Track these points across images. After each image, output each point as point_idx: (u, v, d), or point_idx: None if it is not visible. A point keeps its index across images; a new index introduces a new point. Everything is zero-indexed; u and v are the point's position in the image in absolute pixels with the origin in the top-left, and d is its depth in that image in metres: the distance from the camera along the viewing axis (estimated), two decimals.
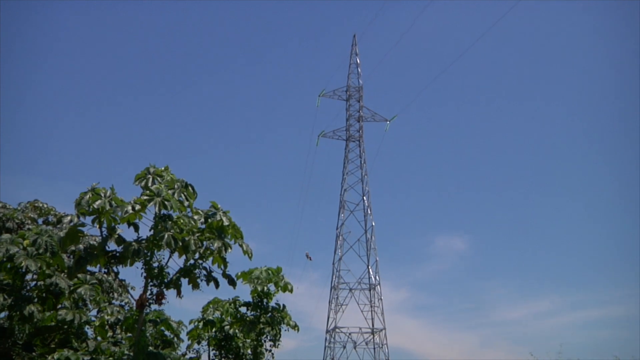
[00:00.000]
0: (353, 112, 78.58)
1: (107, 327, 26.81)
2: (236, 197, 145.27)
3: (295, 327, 27.99)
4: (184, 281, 23.15)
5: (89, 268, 25.79)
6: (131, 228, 22.41)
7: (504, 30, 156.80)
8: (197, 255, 23.13)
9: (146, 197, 21.34)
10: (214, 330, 28.98)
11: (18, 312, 23.36)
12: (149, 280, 22.45)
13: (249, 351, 28.53)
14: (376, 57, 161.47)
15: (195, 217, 22.90)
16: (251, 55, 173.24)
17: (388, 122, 79.46)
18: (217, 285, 23.91)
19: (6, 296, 23.80)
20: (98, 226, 21.88)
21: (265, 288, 27.09)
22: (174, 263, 23.07)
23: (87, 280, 24.85)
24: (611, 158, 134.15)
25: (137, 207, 21.38)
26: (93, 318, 27.01)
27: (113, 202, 21.44)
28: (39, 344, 24.62)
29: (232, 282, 24.53)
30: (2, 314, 24.60)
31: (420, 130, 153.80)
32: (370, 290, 69.49)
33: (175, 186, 22.29)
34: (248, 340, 28.42)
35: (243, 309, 28.30)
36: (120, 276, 26.88)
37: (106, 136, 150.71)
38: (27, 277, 24.68)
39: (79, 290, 24.19)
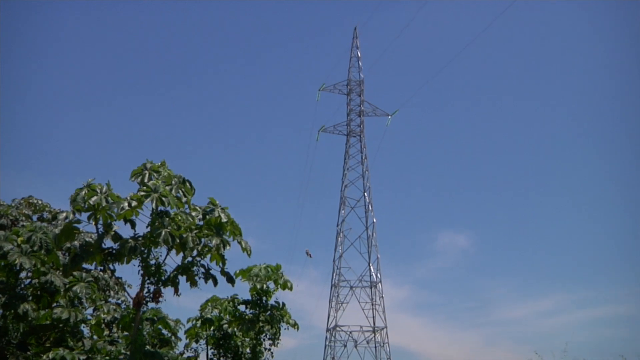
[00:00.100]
0: (354, 107, 78.53)
1: (104, 326, 26.83)
2: (235, 193, 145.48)
3: (295, 326, 28.01)
4: (182, 279, 23.15)
5: (85, 265, 25.80)
6: (128, 225, 22.41)
7: (508, 23, 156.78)
8: (195, 252, 23.12)
9: (143, 193, 21.31)
10: (212, 328, 28.97)
11: (12, 311, 23.37)
12: (146, 277, 22.45)
13: (248, 350, 28.53)
14: (377, 50, 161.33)
15: (193, 214, 22.88)
16: (250, 49, 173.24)
17: (389, 117, 79.46)
18: (216, 283, 23.92)
19: (0, 294, 23.80)
20: (94, 223, 21.87)
21: (264, 286, 27.10)
22: (172, 260, 23.08)
23: (83, 278, 24.85)
24: (615, 154, 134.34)
25: (134, 204, 21.37)
26: (89, 316, 27.00)
27: (109, 199, 21.42)
28: (34, 343, 24.63)
29: (231, 280, 24.53)
30: None
31: (422, 125, 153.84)
32: (371, 288, 69.54)
33: (172, 182, 22.26)
34: (247, 339, 28.41)
35: (242, 307, 28.29)
36: (116, 274, 26.94)
37: (102, 131, 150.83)
38: (22, 275, 24.68)
39: (75, 288, 24.19)
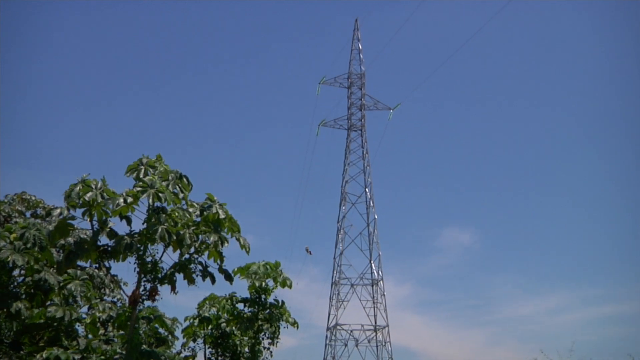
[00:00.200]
0: (355, 100, 78.41)
1: (99, 325, 26.80)
2: (233, 189, 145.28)
3: (294, 324, 28.04)
4: (179, 276, 23.15)
5: (80, 263, 25.79)
6: (123, 221, 22.41)
7: (512, 14, 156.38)
8: (192, 249, 23.12)
9: (139, 189, 21.29)
10: (210, 327, 28.99)
11: (5, 309, 23.34)
12: (142, 275, 22.44)
13: (247, 349, 28.55)
14: (379, 43, 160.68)
15: (190, 210, 22.87)
16: (248, 41, 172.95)
17: (391, 111, 79.32)
18: (213, 280, 23.91)
19: None
20: (89, 219, 21.85)
21: (263, 283, 27.11)
22: (168, 258, 23.08)
23: (78, 275, 24.81)
24: (620, 150, 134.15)
25: (130, 200, 21.34)
26: (84, 315, 26.98)
27: (104, 194, 21.39)
28: (27, 342, 24.62)
29: (229, 278, 24.52)
30: None
31: (425, 119, 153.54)
32: (372, 285, 69.55)
33: (169, 177, 22.24)
34: (245, 337, 28.44)
35: (240, 306, 28.31)
36: (112, 271, 26.87)
37: (97, 126, 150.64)
38: (14, 273, 24.65)
39: (69, 286, 24.15)
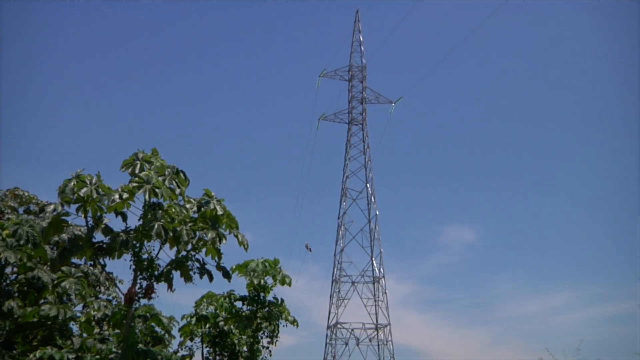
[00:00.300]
0: (356, 94, 78.40)
1: (94, 323, 26.82)
2: (231, 185, 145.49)
3: (294, 323, 28.07)
4: (176, 274, 23.14)
5: (74, 260, 25.80)
6: (119, 217, 22.37)
7: (516, 6, 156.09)
8: (190, 246, 23.10)
9: (135, 185, 21.26)
10: (208, 326, 29.04)
11: None
12: (138, 273, 22.42)
13: (245, 348, 28.60)
14: (381, 34, 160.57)
15: (187, 206, 22.83)
16: (247, 34, 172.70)
17: (393, 104, 79.30)
18: (211, 278, 23.90)
19: None
20: (83, 215, 21.82)
21: (262, 281, 27.12)
22: (165, 255, 23.05)
23: (72, 273, 24.80)
24: (624, 147, 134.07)
25: (125, 195, 21.31)
26: (78, 314, 26.98)
27: (99, 190, 21.35)
28: (20, 342, 24.63)
29: (227, 275, 24.51)
30: None
31: (427, 113, 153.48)
32: (374, 283, 69.65)
33: (165, 172, 22.20)
34: (244, 336, 28.49)
35: (238, 304, 28.34)
36: (107, 269, 26.80)
37: (92, 121, 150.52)
38: (7, 270, 24.62)
39: (63, 284, 24.15)
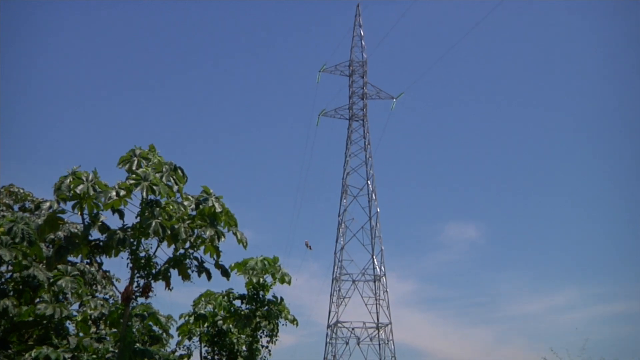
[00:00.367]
0: (356, 89, 78.33)
1: (90, 322, 26.84)
2: (230, 182, 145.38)
3: (293, 322, 28.09)
4: (174, 272, 23.15)
5: (70, 258, 25.77)
6: (116, 215, 22.38)
7: (518, 1, 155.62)
8: (188, 244, 23.10)
9: (132, 182, 21.26)
10: (206, 325, 29.05)
11: None
12: (136, 271, 22.43)
13: (244, 347, 28.61)
14: (382, 29, 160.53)
15: (185, 203, 22.83)
16: (246, 28, 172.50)
17: (394, 100, 79.27)
18: (210, 276, 23.91)
19: None
20: (79, 213, 21.81)
21: (261, 279, 27.11)
22: (163, 253, 23.10)
23: (68, 271, 24.82)
24: (631, 143, 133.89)
25: (122, 193, 21.30)
26: (75, 312, 27.03)
27: (96, 187, 21.34)
28: (16, 341, 24.63)
29: (226, 273, 24.52)
30: None
31: (429, 108, 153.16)
32: (374, 281, 69.65)
33: (163, 169, 22.20)
34: (243, 335, 28.49)
35: (237, 302, 28.35)
36: (104, 267, 26.83)
37: (88, 116, 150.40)
38: (2, 269, 24.66)
39: (59, 282, 24.16)
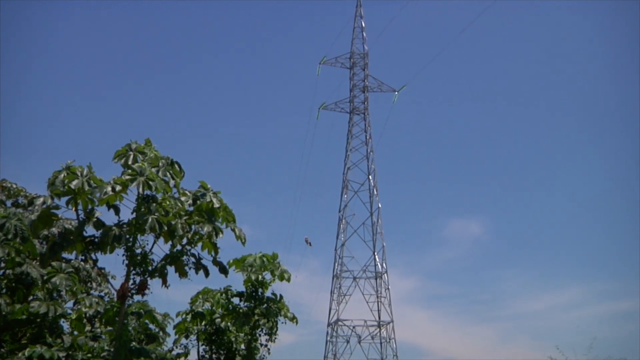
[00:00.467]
0: (357, 82, 78.24)
1: (85, 321, 26.84)
2: (228, 177, 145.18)
3: (293, 320, 28.11)
4: (170, 269, 23.18)
5: (64, 255, 25.79)
6: (111, 211, 22.39)
7: None
8: (185, 240, 23.14)
9: (128, 177, 21.25)
10: (204, 323, 29.04)
11: None
12: (132, 268, 22.45)
13: (243, 346, 28.64)
14: (383, 20, 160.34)
15: (182, 199, 22.84)
16: (244, 18, 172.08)
17: (396, 93, 79.20)
18: (207, 273, 23.94)
19: None
20: (74, 208, 21.81)
21: (260, 277, 27.11)
22: (159, 249, 23.09)
23: (63, 268, 24.80)
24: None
25: (118, 188, 21.30)
26: (69, 310, 27.03)
27: (91, 182, 21.35)
28: (9, 340, 24.63)
29: (224, 270, 24.55)
30: None
31: (432, 101, 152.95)
32: (376, 279, 69.71)
33: (159, 164, 22.18)
34: (241, 334, 28.50)
35: (236, 300, 28.36)
36: (99, 264, 26.86)
37: (83, 110, 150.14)
38: None
39: (53, 279, 24.14)
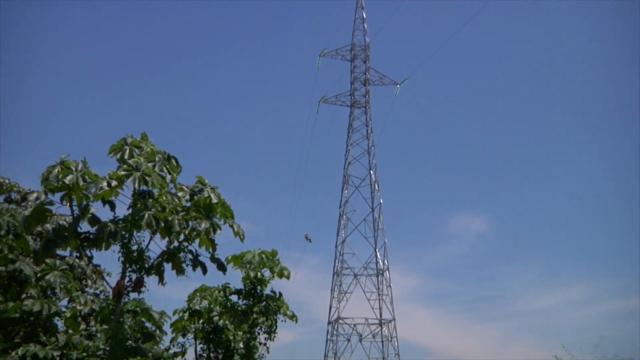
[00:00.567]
0: (358, 75, 78.15)
1: (80, 319, 26.86)
2: (226, 172, 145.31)
3: (293, 318, 28.15)
4: (167, 266, 23.20)
5: (59, 252, 25.79)
6: (106, 206, 22.40)
7: None
8: (182, 237, 23.14)
9: (123, 172, 21.25)
10: (202, 321, 29.08)
11: None
12: (127, 265, 22.45)
13: (241, 345, 28.68)
14: (385, 11, 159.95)
15: (179, 194, 22.85)
16: (242, 10, 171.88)
17: (398, 86, 79.11)
18: (205, 270, 23.95)
19: None
20: (68, 204, 21.81)
21: (258, 274, 27.14)
22: (156, 246, 23.10)
23: (57, 265, 24.81)
24: None
25: (114, 183, 21.30)
26: (63, 309, 27.04)
27: (86, 177, 21.34)
28: (2, 338, 24.60)
29: (222, 267, 24.56)
30: None
31: (435, 95, 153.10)
32: (377, 276, 69.74)
33: (156, 158, 22.18)
34: (240, 332, 28.55)
35: (234, 298, 28.39)
36: (94, 261, 26.80)
37: (77, 103, 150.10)
38: None
39: (47, 277, 24.16)
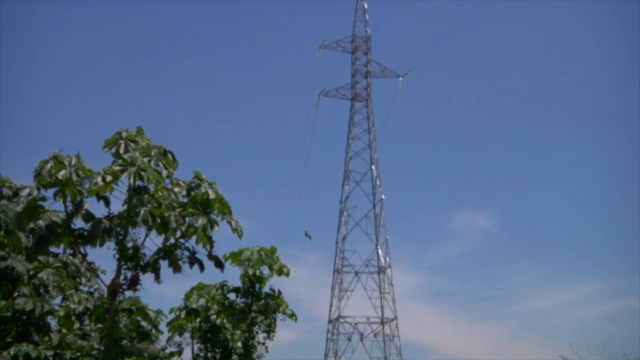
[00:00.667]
0: (360, 67, 78.08)
1: (74, 318, 26.85)
2: (223, 167, 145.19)
3: (292, 317, 28.11)
4: (163, 264, 23.17)
5: (52, 249, 25.76)
6: (101, 202, 22.35)
7: None
8: (179, 233, 23.09)
9: (118, 167, 21.19)
10: (199, 320, 29.06)
11: None
12: (123, 262, 22.42)
13: (239, 344, 28.67)
14: (387, 2, 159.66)
15: (175, 190, 22.80)
16: (240, 1, 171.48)
17: (400, 79, 79.01)
18: (202, 268, 23.93)
19: None
20: (62, 200, 21.76)
21: (257, 271, 27.09)
22: (152, 243, 23.05)
23: (50, 263, 24.76)
24: None
25: (108, 178, 21.24)
26: (57, 307, 27.04)
27: (79, 172, 21.31)
28: None
29: (220, 265, 24.55)
30: None
31: (438, 88, 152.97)
32: (379, 274, 69.80)
33: (152, 153, 22.13)
34: (238, 331, 28.53)
35: (232, 296, 28.35)
36: (88, 258, 26.84)
37: (71, 97, 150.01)
38: None
39: (40, 274, 24.12)
